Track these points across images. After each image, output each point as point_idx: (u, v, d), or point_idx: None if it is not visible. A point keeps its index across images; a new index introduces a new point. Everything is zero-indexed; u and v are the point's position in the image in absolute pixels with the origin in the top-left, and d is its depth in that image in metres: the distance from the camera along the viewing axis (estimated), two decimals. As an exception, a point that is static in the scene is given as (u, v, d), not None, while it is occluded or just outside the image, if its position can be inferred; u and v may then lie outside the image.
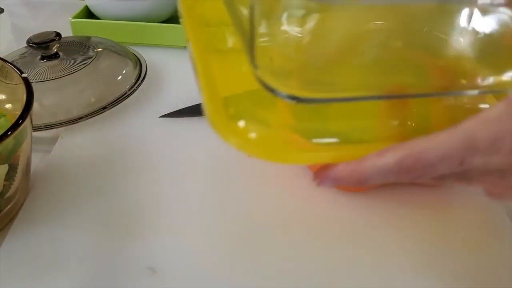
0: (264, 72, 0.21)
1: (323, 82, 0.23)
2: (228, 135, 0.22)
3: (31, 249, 0.32)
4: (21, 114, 0.30)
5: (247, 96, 0.24)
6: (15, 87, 0.33)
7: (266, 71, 0.21)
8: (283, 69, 0.23)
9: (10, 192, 0.32)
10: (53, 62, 0.46)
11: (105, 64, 0.46)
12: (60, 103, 0.43)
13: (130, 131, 0.43)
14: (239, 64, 0.24)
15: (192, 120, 0.44)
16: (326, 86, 0.23)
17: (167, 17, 0.60)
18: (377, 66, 0.24)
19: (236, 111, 0.23)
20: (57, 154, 0.40)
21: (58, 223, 0.33)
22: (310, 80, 0.23)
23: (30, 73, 0.44)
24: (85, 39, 0.51)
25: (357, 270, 0.31)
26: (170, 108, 0.45)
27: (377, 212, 0.35)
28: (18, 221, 0.34)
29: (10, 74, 0.34)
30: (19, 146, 0.31)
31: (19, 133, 0.30)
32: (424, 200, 0.36)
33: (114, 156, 0.40)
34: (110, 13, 0.57)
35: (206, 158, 0.40)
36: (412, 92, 0.24)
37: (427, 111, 0.26)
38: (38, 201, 0.35)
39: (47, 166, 0.38)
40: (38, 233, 0.33)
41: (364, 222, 0.34)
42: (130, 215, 0.34)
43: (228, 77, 0.25)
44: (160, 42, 0.57)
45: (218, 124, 0.22)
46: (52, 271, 0.30)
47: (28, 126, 0.31)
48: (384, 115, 0.25)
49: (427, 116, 0.25)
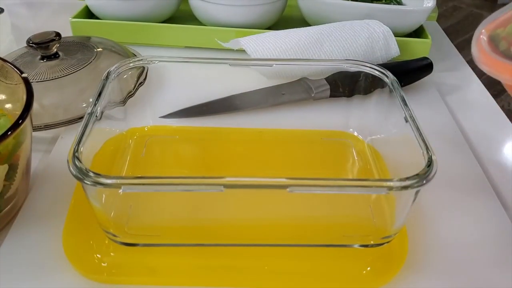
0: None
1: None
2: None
3: (31, 249, 0.32)
4: (21, 114, 0.30)
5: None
6: (15, 87, 0.33)
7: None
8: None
9: (10, 192, 0.32)
10: (53, 62, 0.45)
11: (105, 64, 0.46)
12: (60, 103, 0.43)
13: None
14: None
15: (192, 120, 0.44)
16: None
17: (167, 17, 0.60)
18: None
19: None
20: (57, 154, 0.40)
21: (58, 223, 0.32)
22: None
23: (30, 73, 0.44)
24: (85, 39, 0.51)
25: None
26: (170, 109, 0.45)
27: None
28: (18, 221, 0.33)
29: (10, 74, 0.34)
30: (19, 146, 0.31)
31: (19, 133, 0.30)
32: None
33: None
34: (110, 13, 0.57)
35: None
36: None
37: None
38: (38, 201, 0.35)
39: (47, 166, 0.38)
40: (38, 233, 0.33)
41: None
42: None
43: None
44: (160, 42, 0.57)
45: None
46: (52, 271, 0.30)
47: (28, 126, 0.31)
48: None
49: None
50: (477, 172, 0.39)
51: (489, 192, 0.37)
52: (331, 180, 0.27)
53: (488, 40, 0.29)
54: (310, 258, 0.31)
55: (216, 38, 0.54)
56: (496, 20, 0.29)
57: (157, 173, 0.38)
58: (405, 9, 0.55)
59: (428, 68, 0.50)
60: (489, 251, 0.33)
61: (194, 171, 0.38)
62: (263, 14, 0.56)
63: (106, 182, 0.26)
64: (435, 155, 0.28)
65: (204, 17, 0.58)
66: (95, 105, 0.32)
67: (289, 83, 0.47)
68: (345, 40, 0.49)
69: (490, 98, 0.51)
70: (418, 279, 0.31)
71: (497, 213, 0.35)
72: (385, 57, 0.51)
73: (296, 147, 0.41)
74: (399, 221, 0.31)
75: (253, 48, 0.48)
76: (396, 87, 0.35)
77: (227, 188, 0.27)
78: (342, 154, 0.40)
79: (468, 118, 0.47)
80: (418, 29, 0.58)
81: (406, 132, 0.32)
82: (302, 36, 0.49)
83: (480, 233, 0.34)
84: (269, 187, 0.28)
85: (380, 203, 0.34)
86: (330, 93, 0.46)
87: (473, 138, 0.44)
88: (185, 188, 0.28)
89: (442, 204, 0.36)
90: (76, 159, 0.27)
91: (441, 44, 0.62)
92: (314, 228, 0.33)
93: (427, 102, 0.49)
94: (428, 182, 0.27)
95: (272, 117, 0.45)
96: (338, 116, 0.43)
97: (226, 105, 0.45)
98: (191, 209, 0.34)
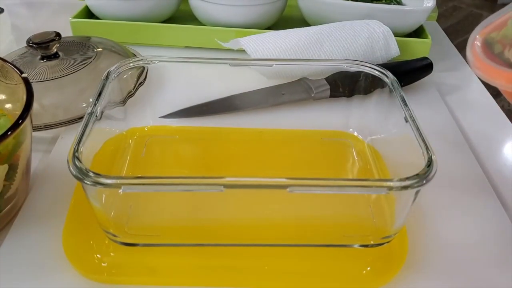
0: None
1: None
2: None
3: (31, 249, 0.32)
4: (21, 114, 0.30)
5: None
6: (15, 87, 0.33)
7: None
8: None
9: (10, 192, 0.32)
10: (53, 62, 0.45)
11: (105, 64, 0.46)
12: (60, 103, 0.43)
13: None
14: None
15: (192, 120, 0.44)
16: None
17: (167, 17, 0.60)
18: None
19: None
20: (57, 154, 0.40)
21: (58, 223, 0.32)
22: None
23: (30, 73, 0.44)
24: (85, 39, 0.51)
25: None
26: (170, 109, 0.45)
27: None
28: (18, 221, 0.33)
29: (10, 74, 0.34)
30: (19, 146, 0.31)
31: (19, 133, 0.30)
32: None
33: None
34: (110, 13, 0.57)
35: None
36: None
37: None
38: (38, 201, 0.35)
39: (47, 166, 0.38)
40: (38, 233, 0.33)
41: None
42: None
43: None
44: (160, 42, 0.57)
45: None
46: (52, 271, 0.30)
47: (28, 126, 0.31)
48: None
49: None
50: (477, 172, 0.39)
51: (489, 192, 0.37)
52: (331, 180, 0.27)
53: (482, 45, 0.29)
54: (310, 258, 0.31)
55: (216, 38, 0.54)
56: (492, 24, 0.29)
57: (157, 173, 0.38)
58: (405, 9, 0.55)
59: (428, 68, 0.50)
60: (489, 251, 0.33)
61: (194, 171, 0.38)
62: (263, 14, 0.56)
63: (106, 182, 0.26)
64: (435, 155, 0.28)
65: (204, 17, 0.58)
66: (95, 105, 0.32)
67: (289, 83, 0.47)
68: (345, 40, 0.49)
69: (490, 98, 0.51)
70: (418, 279, 0.31)
71: (497, 213, 0.35)
72: (385, 57, 0.51)
73: (296, 147, 0.41)
74: (399, 221, 0.31)
75: (253, 48, 0.48)
76: (396, 87, 0.35)
77: (227, 188, 0.27)
78: (342, 154, 0.41)
79: (468, 118, 0.47)
80: (418, 29, 0.58)
81: (406, 132, 0.32)
82: (302, 36, 0.49)
83: (480, 233, 0.34)
84: (269, 187, 0.28)
85: (380, 203, 0.34)
86: (330, 93, 0.46)
87: (473, 138, 0.44)
88: (185, 188, 0.28)
89: (442, 204, 0.36)
90: (76, 159, 0.27)
91: (441, 44, 0.62)
92: (314, 228, 0.33)
93: (427, 102, 0.49)
94: (428, 182, 0.27)
95: (272, 117, 0.45)
96: (338, 116, 0.43)
97: (226, 105, 0.45)
98: (191, 209, 0.34)
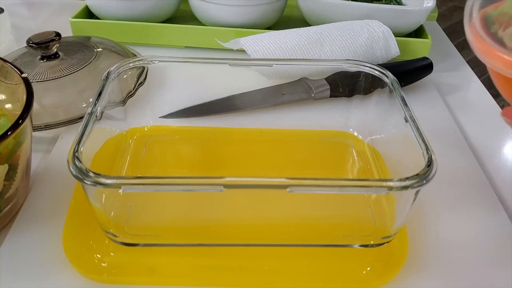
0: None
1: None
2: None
3: (31, 249, 0.32)
4: (21, 114, 0.30)
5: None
6: (15, 87, 0.33)
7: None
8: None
9: (10, 192, 0.32)
10: (53, 62, 0.45)
11: (105, 64, 0.46)
12: (60, 103, 0.43)
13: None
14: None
15: (192, 120, 0.44)
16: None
17: (167, 17, 0.60)
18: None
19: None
20: (57, 154, 0.40)
21: (58, 223, 0.32)
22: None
23: (30, 73, 0.44)
24: (85, 39, 0.51)
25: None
26: (170, 109, 0.45)
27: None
28: (18, 221, 0.33)
29: (10, 74, 0.34)
30: (19, 146, 0.31)
31: (19, 133, 0.30)
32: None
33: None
34: (110, 13, 0.57)
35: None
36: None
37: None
38: (38, 201, 0.35)
39: (47, 166, 0.38)
40: (38, 233, 0.33)
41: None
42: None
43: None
44: (160, 42, 0.57)
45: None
46: (52, 271, 0.30)
47: (28, 126, 0.31)
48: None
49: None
50: (477, 172, 0.39)
51: (489, 192, 0.37)
52: (331, 180, 0.27)
53: (481, 22, 0.27)
54: (310, 258, 0.31)
55: (216, 38, 0.54)
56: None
57: (157, 173, 0.38)
58: (405, 9, 0.55)
59: (428, 68, 0.50)
60: (489, 251, 0.33)
61: (194, 171, 0.38)
62: (263, 14, 0.56)
63: (106, 182, 0.26)
64: (435, 155, 0.28)
65: (204, 17, 0.58)
66: (95, 105, 0.32)
67: (289, 83, 0.47)
68: (345, 40, 0.49)
69: (490, 98, 0.51)
70: (418, 279, 0.31)
71: (497, 213, 0.35)
72: (385, 57, 0.51)
73: (296, 147, 0.41)
74: (399, 221, 0.31)
75: (253, 48, 0.48)
76: (396, 87, 0.35)
77: (227, 188, 0.27)
78: (342, 154, 0.41)
79: (468, 118, 0.47)
80: (418, 29, 0.58)
81: (406, 132, 0.32)
82: (302, 36, 0.49)
83: (480, 233, 0.34)
84: (269, 187, 0.28)
85: (380, 203, 0.34)
86: (330, 93, 0.46)
87: (473, 138, 0.44)
88: (185, 188, 0.28)
89: (442, 204, 0.36)
90: (76, 159, 0.27)
91: (441, 44, 0.62)
92: (314, 228, 0.33)
93: (427, 102, 0.49)
94: (428, 182, 0.27)
95: (272, 117, 0.45)
96: (338, 116, 0.43)
97: (226, 105, 0.45)
98: (191, 209, 0.34)
